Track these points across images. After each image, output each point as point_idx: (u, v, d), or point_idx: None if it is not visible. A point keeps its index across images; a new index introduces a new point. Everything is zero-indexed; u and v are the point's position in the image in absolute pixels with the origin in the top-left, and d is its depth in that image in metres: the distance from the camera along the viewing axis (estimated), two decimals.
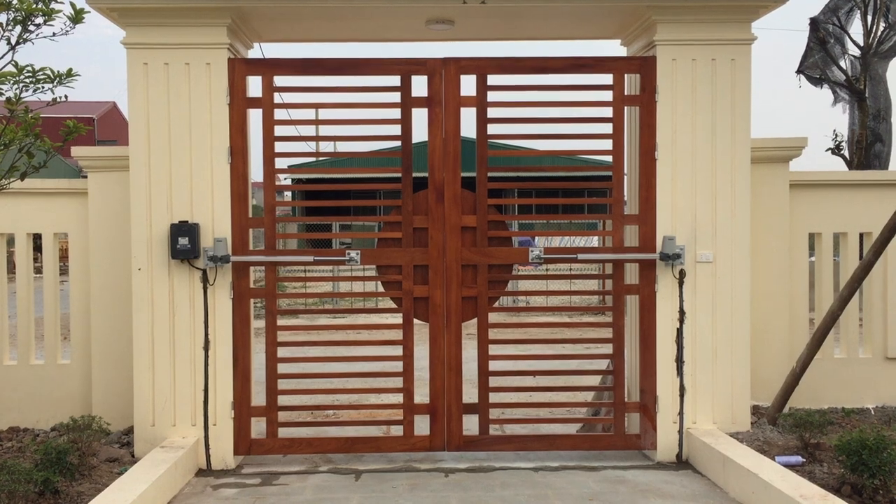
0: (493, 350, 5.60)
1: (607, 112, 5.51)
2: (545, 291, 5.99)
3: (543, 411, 6.22)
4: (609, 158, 5.55)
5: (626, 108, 5.62)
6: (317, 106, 5.86)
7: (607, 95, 5.52)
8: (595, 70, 5.54)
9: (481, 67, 5.48)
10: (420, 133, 5.46)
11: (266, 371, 5.50)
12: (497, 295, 5.68)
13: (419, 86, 5.50)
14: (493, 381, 5.58)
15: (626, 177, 5.74)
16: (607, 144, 5.53)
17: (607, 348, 5.65)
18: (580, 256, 5.67)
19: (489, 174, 5.52)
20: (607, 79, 5.52)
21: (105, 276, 5.97)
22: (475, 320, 5.57)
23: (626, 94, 5.55)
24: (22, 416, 6.12)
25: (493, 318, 5.67)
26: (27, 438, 5.77)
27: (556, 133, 5.66)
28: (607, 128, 5.52)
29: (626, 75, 5.57)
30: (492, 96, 5.48)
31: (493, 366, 5.57)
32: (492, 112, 5.49)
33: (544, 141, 5.75)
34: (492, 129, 5.50)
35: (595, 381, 6.09)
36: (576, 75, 5.57)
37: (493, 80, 5.49)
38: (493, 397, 5.62)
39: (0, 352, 6.17)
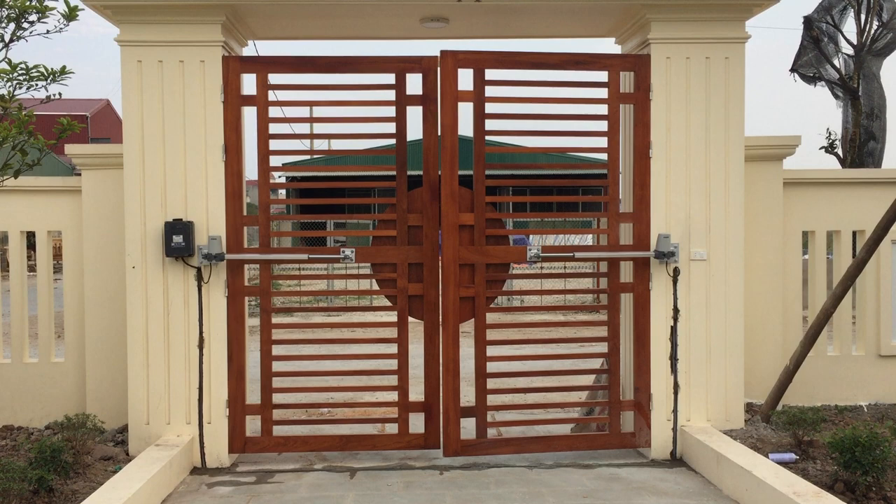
0: (491, 351, 5.53)
1: (603, 109, 5.51)
2: (541, 290, 5.98)
3: (540, 412, 6.16)
4: (604, 156, 5.55)
5: (621, 105, 5.62)
6: (311, 104, 5.85)
7: (603, 93, 5.51)
8: (591, 67, 5.53)
9: (479, 61, 5.42)
10: (415, 131, 5.45)
11: (261, 369, 5.49)
12: (494, 295, 5.63)
13: (414, 84, 5.50)
14: (491, 383, 5.52)
15: (620, 174, 5.75)
16: (603, 142, 5.52)
17: (602, 347, 5.65)
18: (577, 255, 5.65)
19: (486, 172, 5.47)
20: (603, 76, 5.51)
21: (99, 274, 5.96)
22: (468, 320, 5.51)
23: (621, 91, 5.55)
24: (16, 415, 6.11)
25: (490, 318, 5.61)
26: (21, 437, 5.76)
27: (553, 130, 5.63)
28: (603, 125, 5.51)
29: (621, 73, 5.58)
30: (489, 91, 5.43)
31: (491, 367, 5.51)
32: (489, 107, 5.41)
33: (540, 138, 5.71)
34: (489, 124, 5.44)
35: (591, 379, 6.08)
36: (572, 72, 5.54)
37: (490, 74, 5.42)
38: (490, 399, 5.57)
39: None
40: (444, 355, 5.47)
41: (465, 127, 5.51)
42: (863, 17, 14.00)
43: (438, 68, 5.42)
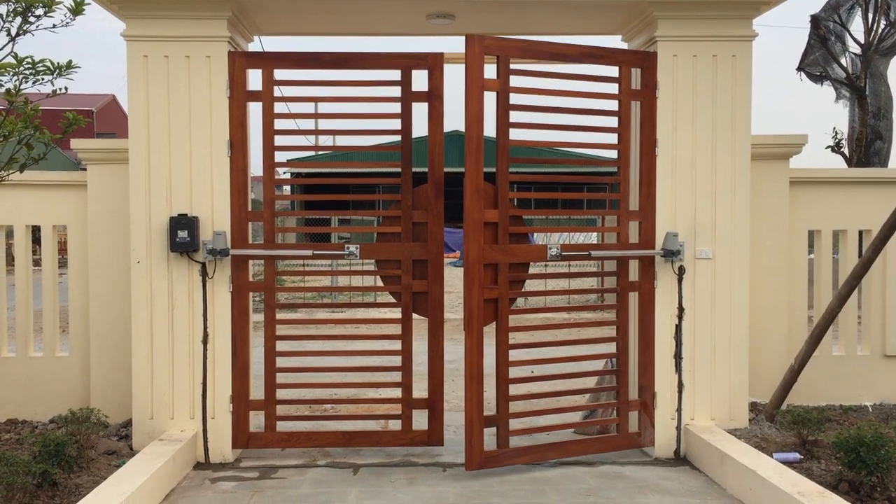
0: (511, 356, 5.29)
1: (614, 105, 5.45)
2: (562, 290, 5.88)
3: (556, 417, 5.87)
4: (614, 153, 5.49)
5: (631, 102, 5.57)
6: (317, 100, 5.83)
7: (615, 88, 5.45)
8: (605, 61, 5.43)
9: (504, 49, 5.15)
10: (421, 128, 5.41)
11: (264, 365, 5.49)
12: (516, 296, 5.41)
13: (420, 81, 5.47)
14: (512, 390, 5.30)
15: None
16: (614, 138, 5.46)
17: (610, 346, 5.61)
18: (593, 254, 5.57)
19: (506, 167, 5.17)
20: (615, 71, 5.44)
21: (104, 268, 5.97)
22: (490, 324, 5.26)
23: (631, 88, 5.51)
24: (20, 409, 6.12)
25: (511, 320, 5.36)
26: (25, 430, 5.77)
27: (566, 124, 5.42)
28: (614, 122, 5.45)
29: (631, 69, 5.53)
30: (513, 81, 5.17)
31: (513, 373, 5.30)
32: (513, 98, 5.17)
33: (555, 132, 5.53)
34: (512, 116, 5.19)
35: (602, 380, 6.01)
36: (588, 66, 5.41)
37: (513, 64, 5.20)
38: (509, 406, 5.35)
39: None
40: (468, 362, 5.15)
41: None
42: (870, 16, 13.94)
43: (440, 63, 5.28)
